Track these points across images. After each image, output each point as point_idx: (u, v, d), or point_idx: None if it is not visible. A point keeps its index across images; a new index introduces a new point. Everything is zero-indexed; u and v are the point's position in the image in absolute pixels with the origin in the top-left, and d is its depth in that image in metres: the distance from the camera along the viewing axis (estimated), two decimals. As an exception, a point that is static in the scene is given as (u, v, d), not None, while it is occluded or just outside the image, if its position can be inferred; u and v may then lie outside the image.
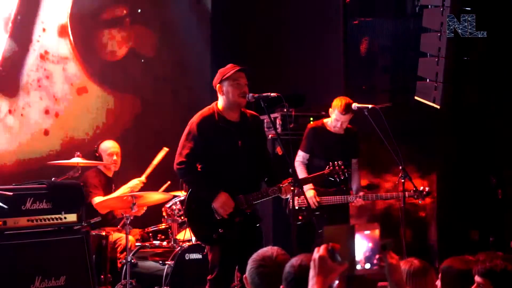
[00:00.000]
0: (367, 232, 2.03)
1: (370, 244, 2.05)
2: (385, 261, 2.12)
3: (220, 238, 4.93)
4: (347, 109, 6.23)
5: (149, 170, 6.79)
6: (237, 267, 5.35)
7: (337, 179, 5.39)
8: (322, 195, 6.27)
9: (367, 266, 2.04)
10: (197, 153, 4.95)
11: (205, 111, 5.05)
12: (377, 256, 2.05)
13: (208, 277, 4.97)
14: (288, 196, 5.04)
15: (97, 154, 6.83)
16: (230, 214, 4.92)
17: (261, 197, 4.99)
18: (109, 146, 6.84)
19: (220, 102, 5.02)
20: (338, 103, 6.31)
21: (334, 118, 6.36)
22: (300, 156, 6.46)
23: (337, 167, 5.31)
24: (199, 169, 5.02)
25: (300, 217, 6.26)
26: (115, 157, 6.79)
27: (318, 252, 2.06)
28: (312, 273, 2.09)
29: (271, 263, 2.64)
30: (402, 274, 2.28)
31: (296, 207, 6.06)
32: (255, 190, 5.01)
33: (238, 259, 4.98)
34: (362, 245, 2.02)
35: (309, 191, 6.20)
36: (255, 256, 2.74)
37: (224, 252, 4.94)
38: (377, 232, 2.05)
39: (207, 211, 4.93)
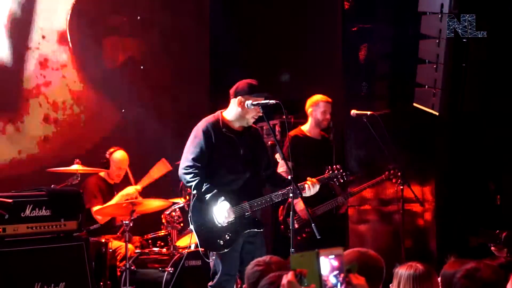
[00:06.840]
0: (331, 256, 2.11)
1: (336, 266, 2.12)
2: (351, 283, 2.18)
3: (226, 244, 4.94)
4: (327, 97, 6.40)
5: (146, 180, 6.76)
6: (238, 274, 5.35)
7: (337, 182, 5.41)
8: (312, 205, 6.12)
9: None
10: (203, 158, 4.97)
11: (210, 117, 5.12)
12: (341, 275, 2.12)
13: (209, 284, 4.98)
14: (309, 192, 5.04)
15: (104, 160, 6.80)
16: (234, 221, 4.94)
17: (264, 203, 5.02)
18: (121, 159, 6.81)
19: (231, 111, 5.08)
20: (316, 97, 6.40)
21: (320, 112, 6.38)
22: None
23: (336, 171, 5.32)
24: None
25: (304, 235, 6.17)
26: (121, 172, 6.81)
27: (287, 277, 2.13)
28: None
29: (264, 264, 2.88)
30: None
31: (297, 226, 5.96)
32: (258, 197, 5.04)
33: (239, 265, 4.98)
34: (328, 269, 2.10)
35: (299, 203, 5.91)
36: (254, 260, 2.98)
37: (226, 258, 4.94)
38: (341, 256, 2.12)
39: (211, 218, 4.95)
